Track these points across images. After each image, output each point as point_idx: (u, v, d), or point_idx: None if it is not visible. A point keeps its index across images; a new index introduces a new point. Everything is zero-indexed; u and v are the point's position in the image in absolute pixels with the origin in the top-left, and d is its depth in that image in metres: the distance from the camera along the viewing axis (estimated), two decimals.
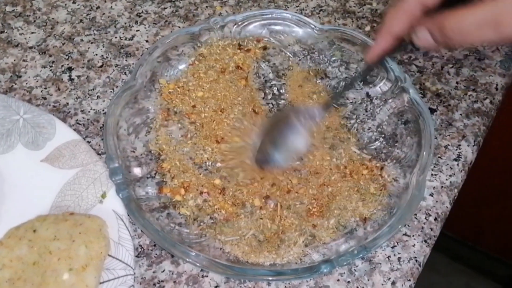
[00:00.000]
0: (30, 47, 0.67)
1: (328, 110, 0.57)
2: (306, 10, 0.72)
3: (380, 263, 0.51)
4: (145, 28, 0.69)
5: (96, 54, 0.66)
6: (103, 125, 0.58)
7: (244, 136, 0.58)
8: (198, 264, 0.47)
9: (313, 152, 0.57)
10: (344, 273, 0.50)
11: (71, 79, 0.64)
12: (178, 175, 0.55)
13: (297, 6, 0.73)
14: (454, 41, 0.43)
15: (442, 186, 0.56)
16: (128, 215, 0.51)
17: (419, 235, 0.53)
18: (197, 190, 0.54)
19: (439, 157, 0.58)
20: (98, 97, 0.62)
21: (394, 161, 0.56)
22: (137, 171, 0.55)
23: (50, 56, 0.66)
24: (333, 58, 0.64)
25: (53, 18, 0.71)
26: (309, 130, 0.54)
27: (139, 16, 0.71)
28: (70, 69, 0.65)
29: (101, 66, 0.65)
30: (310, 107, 0.58)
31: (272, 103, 0.62)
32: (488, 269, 1.39)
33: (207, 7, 0.72)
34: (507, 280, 1.35)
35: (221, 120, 0.59)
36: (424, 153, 0.53)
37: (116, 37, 0.68)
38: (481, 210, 1.21)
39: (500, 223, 1.23)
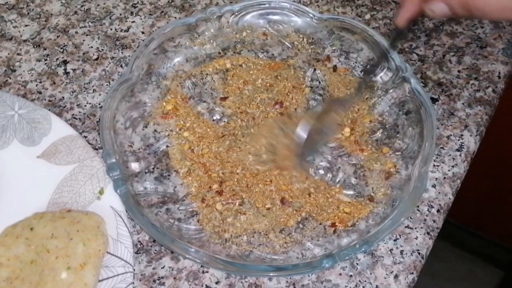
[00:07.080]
0: (24, 40, 0.66)
1: (361, 92, 0.57)
2: None
3: (383, 256, 0.50)
4: (141, 19, 0.68)
5: (92, 47, 0.65)
6: (99, 119, 0.57)
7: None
8: (198, 261, 0.46)
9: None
10: (346, 267, 0.49)
11: (66, 73, 0.63)
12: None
13: None
14: (475, 17, 0.47)
15: (444, 177, 0.55)
16: (127, 211, 0.50)
17: (421, 227, 0.52)
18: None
19: (441, 147, 0.57)
20: (94, 90, 0.61)
21: (396, 152, 0.55)
22: (135, 166, 0.54)
23: (45, 49, 0.65)
24: (333, 48, 0.63)
25: (47, 10, 0.69)
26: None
27: (135, 7, 0.69)
28: (65, 62, 0.64)
29: (96, 59, 0.64)
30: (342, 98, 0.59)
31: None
32: (490, 255, 1.38)
33: None
34: (509, 266, 1.35)
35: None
36: (426, 144, 0.52)
37: (111, 29, 0.67)
38: (482, 197, 1.20)
39: (501, 210, 1.22)
